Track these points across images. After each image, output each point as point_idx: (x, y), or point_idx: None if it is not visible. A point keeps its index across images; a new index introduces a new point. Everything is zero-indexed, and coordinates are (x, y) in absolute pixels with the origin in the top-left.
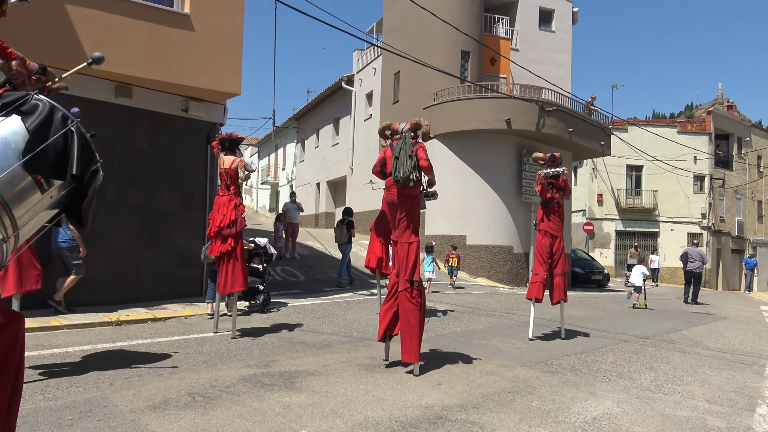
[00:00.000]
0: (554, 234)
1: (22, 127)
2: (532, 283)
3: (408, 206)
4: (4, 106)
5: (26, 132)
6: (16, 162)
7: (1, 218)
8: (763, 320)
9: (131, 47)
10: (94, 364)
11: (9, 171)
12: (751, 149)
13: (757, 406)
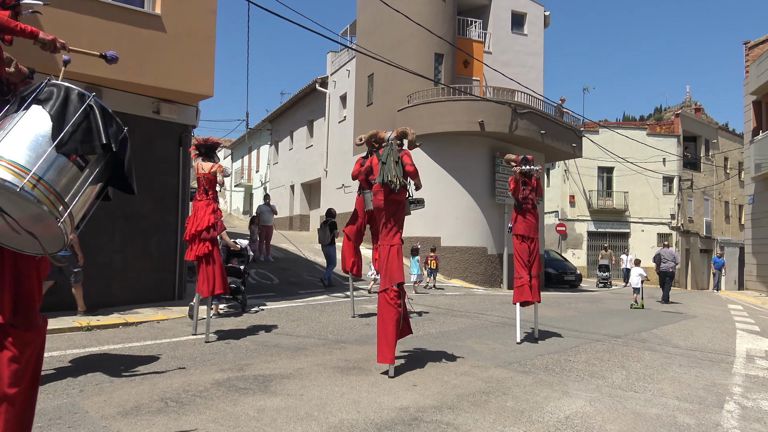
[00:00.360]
0: (530, 236)
1: (45, 115)
2: (517, 287)
3: (392, 211)
4: (23, 99)
5: (50, 118)
6: (49, 148)
7: (51, 201)
8: (731, 318)
9: (101, 48)
10: (63, 371)
11: (45, 157)
12: (718, 151)
13: (725, 402)
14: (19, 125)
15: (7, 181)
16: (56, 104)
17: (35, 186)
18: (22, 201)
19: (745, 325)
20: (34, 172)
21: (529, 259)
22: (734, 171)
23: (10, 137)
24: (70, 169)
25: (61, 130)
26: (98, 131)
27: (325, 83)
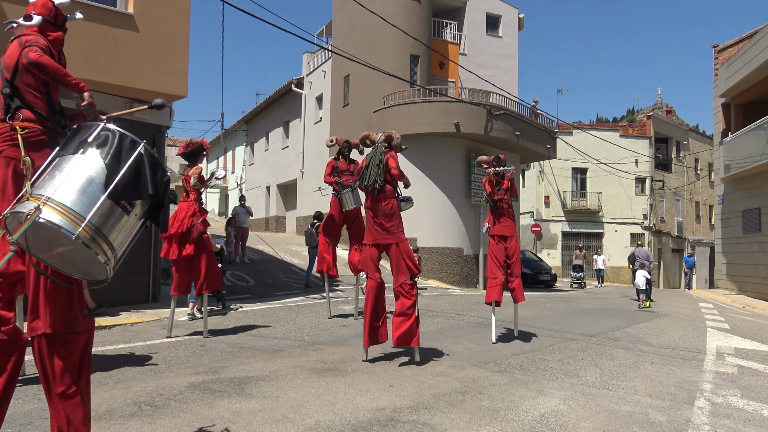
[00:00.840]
0: (508, 236)
1: (100, 161)
2: (491, 287)
3: (385, 210)
4: (81, 143)
5: (104, 165)
6: (102, 195)
7: (101, 246)
8: (702, 317)
9: (71, 47)
10: (34, 376)
11: (98, 206)
12: (688, 152)
13: (696, 399)
14: (75, 170)
15: (63, 228)
16: (111, 151)
17: (87, 232)
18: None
19: (716, 323)
20: (88, 220)
21: (507, 260)
22: (704, 172)
23: (67, 183)
24: (118, 213)
25: (113, 179)
26: (146, 181)
27: (300, 84)
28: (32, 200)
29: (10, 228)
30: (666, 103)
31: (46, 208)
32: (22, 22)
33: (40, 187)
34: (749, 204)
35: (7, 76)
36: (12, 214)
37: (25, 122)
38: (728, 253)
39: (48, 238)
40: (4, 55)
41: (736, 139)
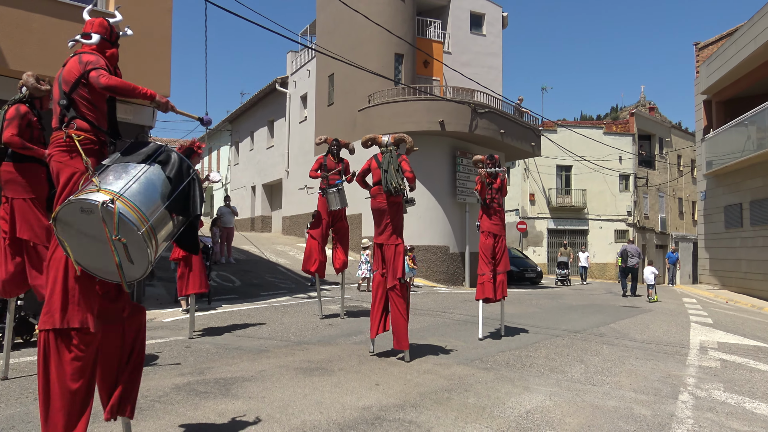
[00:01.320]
0: (496, 234)
1: (164, 176)
2: (480, 284)
3: (394, 212)
4: (147, 157)
5: (166, 179)
6: (162, 204)
7: (151, 245)
8: (686, 312)
9: (53, 47)
10: (16, 379)
11: (159, 213)
12: (671, 149)
13: (679, 393)
14: (143, 177)
15: (132, 222)
16: (173, 170)
17: (147, 231)
18: (135, 239)
19: (699, 318)
20: (151, 222)
21: (494, 256)
22: (687, 168)
23: (137, 186)
24: (167, 222)
25: (173, 194)
26: (194, 202)
27: (285, 83)
28: (103, 193)
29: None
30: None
31: (120, 202)
32: (82, 40)
33: (110, 184)
34: (731, 200)
35: (64, 89)
36: (78, 201)
37: (79, 131)
38: (711, 248)
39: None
40: (62, 69)
41: (717, 135)
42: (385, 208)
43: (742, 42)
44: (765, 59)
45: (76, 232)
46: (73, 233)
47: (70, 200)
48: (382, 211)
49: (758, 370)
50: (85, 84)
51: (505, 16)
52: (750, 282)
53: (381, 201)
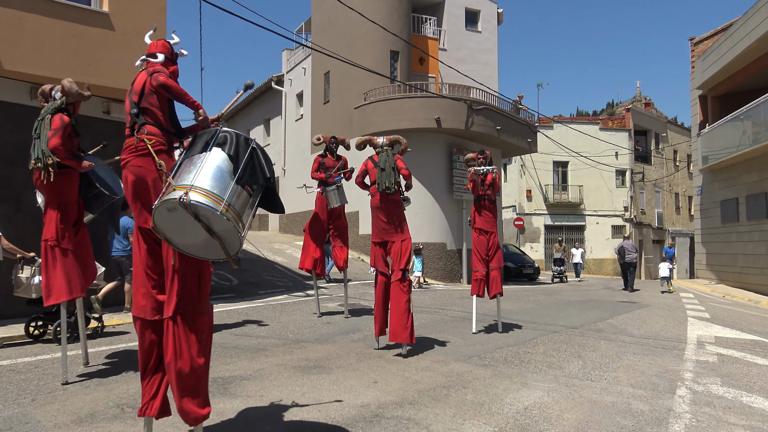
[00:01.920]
0: (488, 230)
1: (224, 155)
2: (474, 280)
3: (393, 209)
4: (205, 144)
5: (228, 157)
6: (232, 181)
7: (235, 220)
8: (683, 306)
9: (46, 47)
10: (14, 380)
11: (231, 189)
12: (667, 144)
13: (677, 388)
14: (208, 163)
15: (209, 206)
16: (232, 147)
17: (227, 210)
18: (217, 219)
19: (696, 313)
20: (226, 200)
21: (487, 253)
22: (683, 163)
23: (203, 173)
24: (243, 195)
25: (238, 168)
26: (261, 168)
27: (281, 81)
28: (179, 189)
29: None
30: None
31: (193, 192)
32: (150, 59)
33: (182, 180)
34: (727, 194)
35: (134, 99)
36: (162, 203)
37: (150, 135)
38: (707, 243)
39: (183, 223)
40: (133, 83)
41: (713, 130)
42: (384, 206)
43: (737, 37)
44: (760, 54)
45: (174, 229)
46: (170, 228)
47: (157, 205)
48: (382, 210)
49: (755, 364)
50: (152, 91)
51: (500, 13)
52: (746, 276)
53: (379, 200)
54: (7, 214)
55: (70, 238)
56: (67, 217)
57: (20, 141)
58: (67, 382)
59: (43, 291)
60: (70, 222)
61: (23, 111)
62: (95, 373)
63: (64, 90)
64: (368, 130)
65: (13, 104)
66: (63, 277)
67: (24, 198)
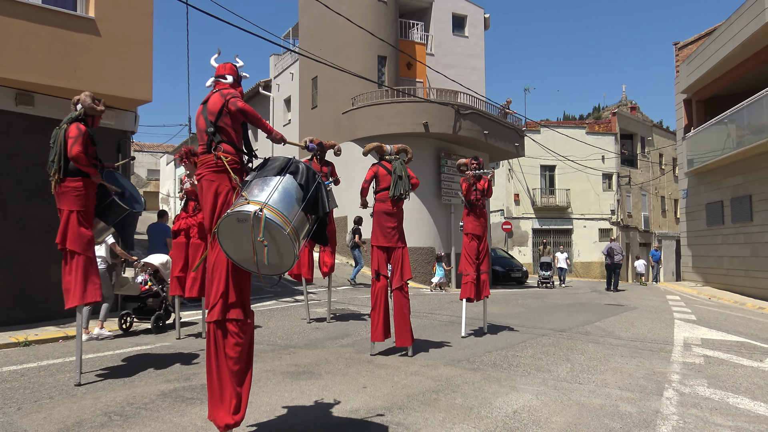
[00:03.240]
0: (480, 235)
1: (296, 184)
2: (464, 284)
3: (401, 216)
4: (281, 170)
5: (298, 186)
6: (298, 207)
7: (294, 241)
8: (669, 309)
9: (31, 52)
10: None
11: (298, 214)
12: (653, 148)
13: (664, 390)
14: (280, 186)
15: (278, 224)
16: (303, 178)
17: (292, 231)
18: (282, 237)
19: (683, 315)
20: (293, 223)
21: (477, 256)
22: (669, 167)
23: (276, 195)
24: (304, 221)
25: (305, 197)
26: (323, 202)
27: (268, 86)
28: (253, 204)
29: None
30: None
31: (266, 210)
32: (221, 80)
33: (254, 196)
34: (712, 197)
35: (211, 119)
36: (234, 213)
37: (226, 153)
38: (693, 245)
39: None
40: (208, 103)
41: (698, 134)
42: (396, 212)
43: (721, 41)
44: (743, 58)
45: (232, 237)
46: (230, 238)
47: (228, 213)
48: (392, 215)
49: (741, 366)
50: (228, 113)
51: (487, 18)
52: (732, 278)
53: (390, 206)
54: None
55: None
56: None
57: (6, 148)
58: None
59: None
60: (86, 230)
61: (8, 117)
62: (82, 381)
63: (81, 102)
64: (356, 135)
65: None
66: (80, 282)
67: (9, 205)
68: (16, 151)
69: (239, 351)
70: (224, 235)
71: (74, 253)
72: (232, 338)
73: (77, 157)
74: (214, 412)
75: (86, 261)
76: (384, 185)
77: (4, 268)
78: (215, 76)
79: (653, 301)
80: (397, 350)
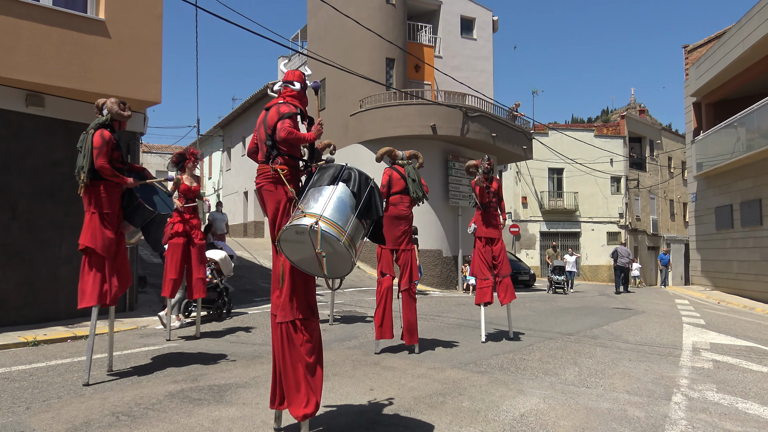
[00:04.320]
0: (495, 238)
1: (349, 191)
2: (480, 288)
3: (412, 219)
4: (333, 178)
5: (351, 194)
6: (353, 215)
7: (349, 249)
8: (678, 313)
9: (42, 54)
10: (8, 388)
11: (352, 222)
12: (662, 151)
13: (672, 394)
14: (334, 196)
15: (334, 236)
16: (355, 185)
17: (348, 240)
18: (338, 247)
19: (691, 319)
20: (348, 232)
21: (495, 260)
22: (678, 170)
23: (331, 205)
24: (359, 228)
25: (358, 204)
26: (376, 207)
27: None
28: (309, 217)
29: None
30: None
31: (322, 222)
32: (289, 86)
33: (311, 208)
34: (722, 201)
35: (269, 132)
36: (292, 226)
37: (283, 165)
38: (702, 249)
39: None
40: (268, 115)
41: (707, 137)
42: (408, 215)
43: (731, 44)
44: (753, 61)
45: (294, 246)
46: (292, 247)
47: (287, 227)
48: (403, 219)
49: (750, 371)
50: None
51: (495, 20)
52: (741, 283)
53: (404, 209)
54: (3, 222)
55: (104, 247)
56: (106, 227)
57: (16, 149)
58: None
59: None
60: (108, 231)
61: (19, 118)
62: (90, 381)
63: (108, 109)
64: (364, 137)
65: (9, 111)
66: (95, 283)
67: (19, 205)
68: (26, 152)
69: (309, 347)
70: (286, 244)
71: (93, 253)
72: (302, 335)
73: (101, 170)
74: (293, 406)
75: (104, 262)
76: (396, 189)
77: (13, 267)
78: (283, 81)
79: (662, 305)
80: (404, 352)
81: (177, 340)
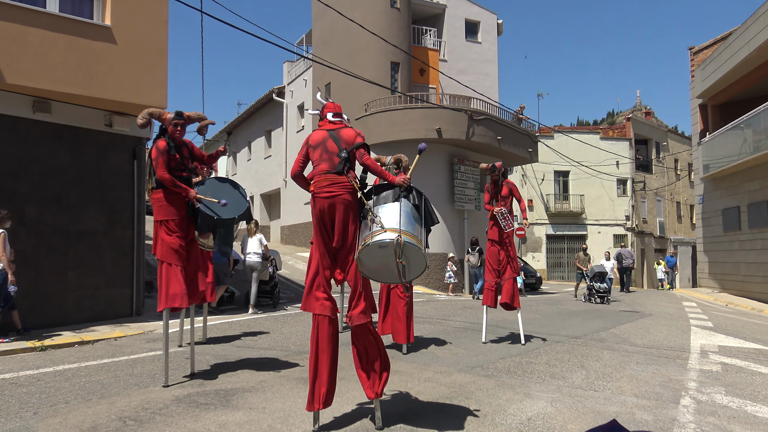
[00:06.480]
0: (500, 241)
1: (410, 204)
2: (486, 289)
3: None
4: (395, 195)
5: (413, 207)
6: (420, 225)
7: (427, 258)
8: (686, 315)
9: (49, 61)
10: (16, 393)
11: (422, 232)
12: (668, 153)
13: (681, 398)
14: (404, 212)
15: (416, 245)
16: (416, 199)
17: (423, 248)
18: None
19: (699, 322)
20: (425, 243)
21: (499, 264)
22: (684, 172)
23: (404, 219)
24: (424, 234)
25: (421, 216)
26: (432, 215)
27: (282, 93)
28: (390, 231)
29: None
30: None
31: (404, 235)
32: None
33: (390, 223)
34: (729, 203)
35: (344, 146)
36: (375, 242)
37: (355, 180)
38: (710, 251)
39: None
40: (341, 132)
41: (714, 139)
42: None
43: (736, 46)
44: (760, 62)
45: (371, 259)
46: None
47: (370, 243)
48: None
49: (759, 373)
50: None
51: (500, 24)
52: (749, 285)
53: None
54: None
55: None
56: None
57: (23, 155)
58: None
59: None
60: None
61: (26, 124)
62: (97, 386)
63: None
64: (370, 141)
65: (16, 118)
66: (163, 288)
67: (26, 211)
68: (33, 158)
69: (379, 342)
70: (364, 259)
71: (160, 261)
72: (372, 335)
73: (162, 180)
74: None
75: (169, 269)
76: None
77: (21, 273)
78: (333, 113)
79: (669, 308)
80: (410, 357)
81: (181, 346)
